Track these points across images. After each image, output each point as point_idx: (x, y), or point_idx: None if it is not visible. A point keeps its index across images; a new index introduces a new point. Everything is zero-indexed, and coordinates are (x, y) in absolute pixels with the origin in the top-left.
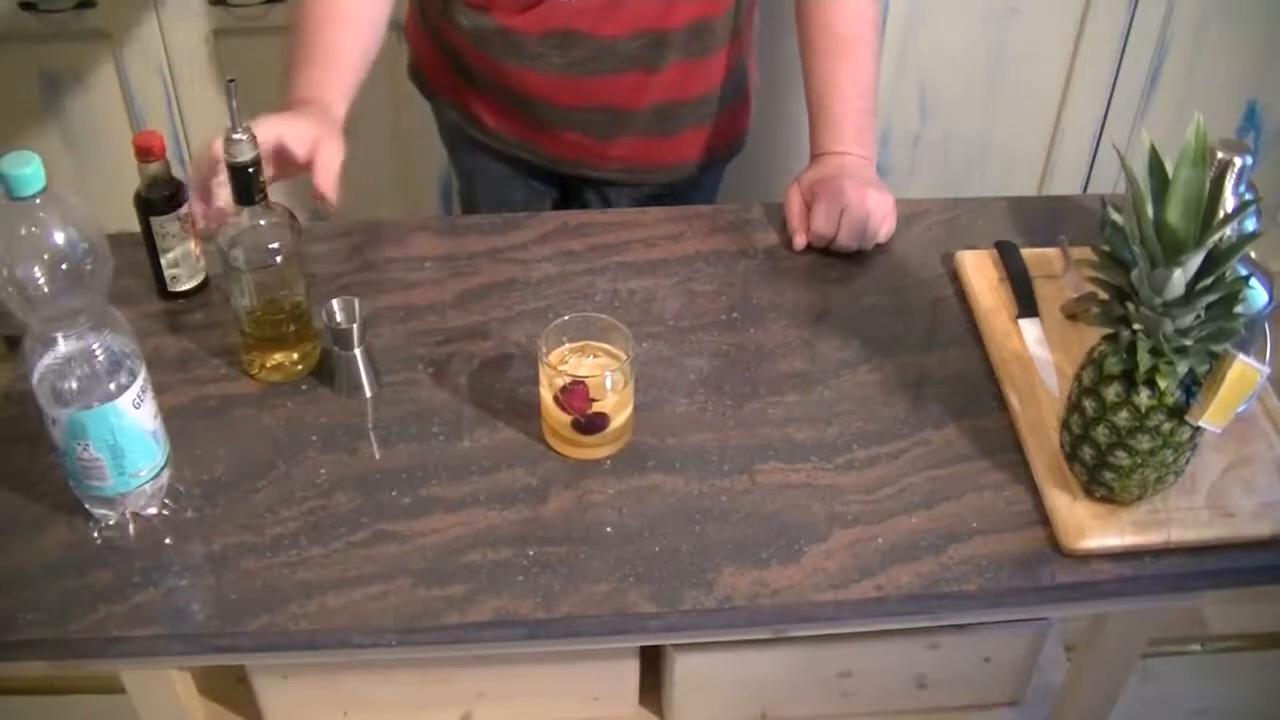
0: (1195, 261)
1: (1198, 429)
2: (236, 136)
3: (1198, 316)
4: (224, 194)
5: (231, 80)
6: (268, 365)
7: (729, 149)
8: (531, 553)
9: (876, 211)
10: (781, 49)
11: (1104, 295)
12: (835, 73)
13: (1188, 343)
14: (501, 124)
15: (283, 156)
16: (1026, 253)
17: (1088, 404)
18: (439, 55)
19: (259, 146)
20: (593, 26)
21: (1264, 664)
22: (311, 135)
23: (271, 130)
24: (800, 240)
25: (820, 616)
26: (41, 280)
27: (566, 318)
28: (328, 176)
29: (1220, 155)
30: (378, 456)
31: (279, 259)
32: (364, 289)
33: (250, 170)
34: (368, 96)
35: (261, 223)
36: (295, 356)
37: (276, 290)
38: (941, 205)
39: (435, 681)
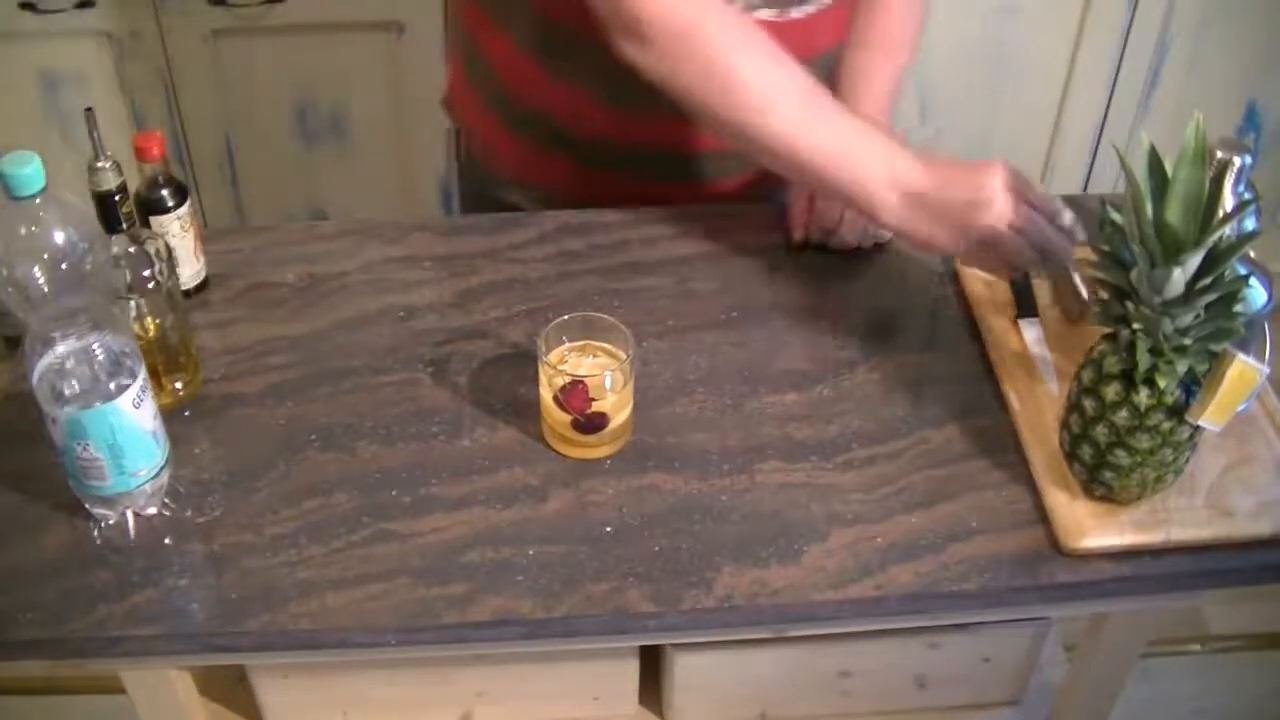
0: (1195, 261)
1: (1197, 428)
2: (99, 165)
3: (1197, 316)
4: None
5: (89, 109)
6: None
7: None
8: (531, 552)
9: None
10: None
11: (1104, 295)
12: (875, 71)
13: (1187, 342)
14: (529, 171)
15: None
16: None
17: (1087, 403)
18: (467, 81)
19: None
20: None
21: (1264, 664)
22: None
23: None
24: (800, 234)
25: (820, 616)
26: (41, 280)
27: (566, 317)
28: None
29: (1220, 155)
30: (378, 457)
31: (149, 285)
32: (364, 289)
33: (115, 198)
34: (368, 96)
35: (131, 250)
36: (176, 386)
37: (150, 318)
38: None
39: (435, 681)
